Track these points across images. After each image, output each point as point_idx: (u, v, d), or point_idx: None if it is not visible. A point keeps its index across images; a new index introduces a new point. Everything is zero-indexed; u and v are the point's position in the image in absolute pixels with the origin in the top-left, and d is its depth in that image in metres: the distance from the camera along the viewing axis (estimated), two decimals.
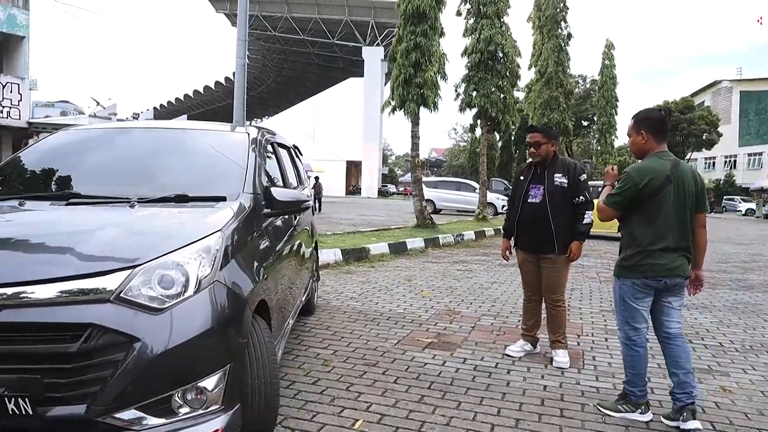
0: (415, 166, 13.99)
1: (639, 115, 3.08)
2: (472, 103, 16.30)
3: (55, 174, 3.04)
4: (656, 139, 3.00)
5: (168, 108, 69.43)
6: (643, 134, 3.00)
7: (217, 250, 2.26)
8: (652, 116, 3.05)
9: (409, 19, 12.65)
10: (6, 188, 2.90)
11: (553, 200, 3.91)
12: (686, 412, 2.88)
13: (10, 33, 19.54)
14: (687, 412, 2.89)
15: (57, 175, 3.03)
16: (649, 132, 2.99)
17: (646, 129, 3.00)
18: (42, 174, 3.05)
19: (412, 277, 7.58)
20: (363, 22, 45.86)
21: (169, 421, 2.01)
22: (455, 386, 3.44)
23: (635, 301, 2.99)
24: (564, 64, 22.38)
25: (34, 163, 3.14)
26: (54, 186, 2.92)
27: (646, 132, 2.99)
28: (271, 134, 4.19)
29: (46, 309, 1.93)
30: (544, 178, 3.97)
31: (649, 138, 2.99)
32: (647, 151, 3.02)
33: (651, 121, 3.02)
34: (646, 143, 3.01)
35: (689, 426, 2.85)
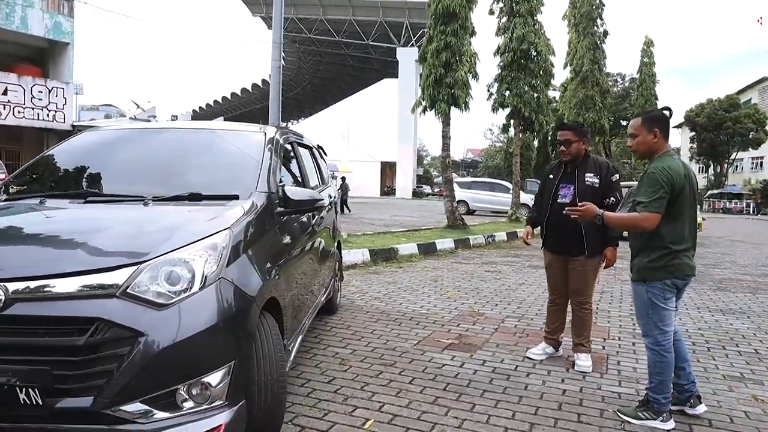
0: (445, 167, 13.90)
1: (649, 114, 3.03)
2: (504, 102, 16.09)
3: (76, 173, 3.14)
4: (665, 138, 2.97)
5: (207, 110, 70.95)
6: (656, 133, 2.94)
7: (224, 248, 2.28)
8: (661, 115, 3.00)
9: (440, 19, 12.58)
10: (29, 187, 3.00)
11: (584, 201, 3.77)
12: (693, 399, 3.04)
13: (56, 40, 20.31)
14: (694, 398, 3.05)
15: (78, 175, 3.12)
16: (661, 130, 2.94)
17: (659, 128, 2.95)
18: (64, 173, 3.16)
19: (439, 277, 7.53)
20: (397, 23, 45.86)
21: (174, 415, 2.04)
22: (471, 388, 3.39)
23: (665, 302, 2.93)
24: (600, 63, 21.86)
25: (57, 162, 3.24)
26: (74, 185, 3.02)
27: (659, 131, 2.94)
28: (293, 135, 4.22)
29: (55, 303, 1.98)
30: (574, 178, 3.85)
31: (660, 137, 2.94)
32: (656, 150, 2.97)
33: (663, 120, 2.98)
34: (657, 143, 2.95)
35: (699, 410, 3.04)
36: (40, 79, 20.22)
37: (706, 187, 46.31)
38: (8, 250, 2.19)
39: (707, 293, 7.02)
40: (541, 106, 15.72)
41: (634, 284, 3.03)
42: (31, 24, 19.41)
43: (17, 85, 19.28)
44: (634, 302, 3.11)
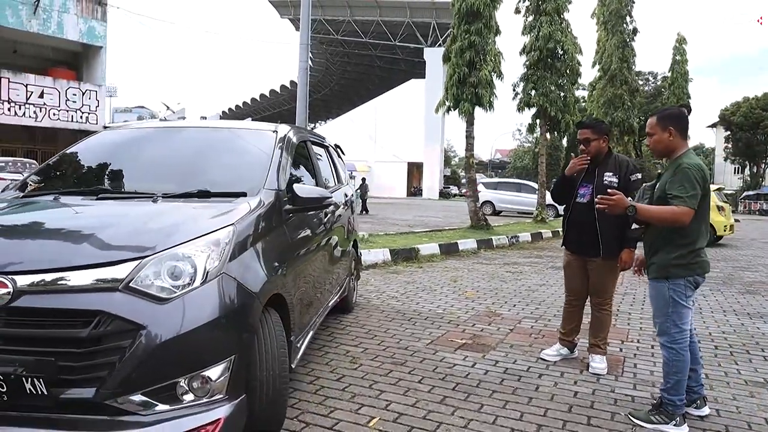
0: (469, 167, 13.81)
1: (663, 112, 2.98)
2: (530, 102, 15.91)
3: (90, 171, 3.22)
4: (682, 136, 2.90)
5: (236, 111, 71.93)
6: (671, 131, 2.89)
7: (227, 244, 2.31)
8: (678, 113, 2.94)
9: (464, 18, 12.50)
10: (46, 185, 3.09)
11: None
12: (700, 400, 3.06)
13: (89, 44, 20.88)
14: (701, 399, 3.06)
15: (92, 173, 3.21)
16: (677, 129, 2.88)
17: (674, 126, 2.88)
18: (78, 171, 3.25)
19: (458, 278, 7.48)
20: (424, 23, 45.81)
21: (174, 407, 2.07)
22: (481, 388, 3.36)
23: (686, 299, 2.90)
24: (629, 61, 21.38)
25: (73, 161, 3.33)
26: (87, 182, 3.09)
27: (674, 129, 2.88)
28: (307, 133, 4.26)
29: (61, 296, 2.04)
30: (594, 177, 3.77)
31: (676, 135, 2.89)
32: (673, 149, 2.91)
33: (678, 117, 2.91)
34: (672, 141, 2.90)
35: (703, 412, 3.05)
36: (75, 82, 20.81)
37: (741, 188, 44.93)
38: (18, 244, 2.26)
39: (735, 296, 6.82)
40: (567, 105, 15.49)
41: (654, 282, 2.97)
42: (66, 29, 20.00)
43: (53, 88, 19.88)
44: (651, 301, 3.04)
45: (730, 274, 8.78)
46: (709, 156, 53.93)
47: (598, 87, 21.96)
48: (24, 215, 2.58)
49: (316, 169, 4.03)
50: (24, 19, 19.05)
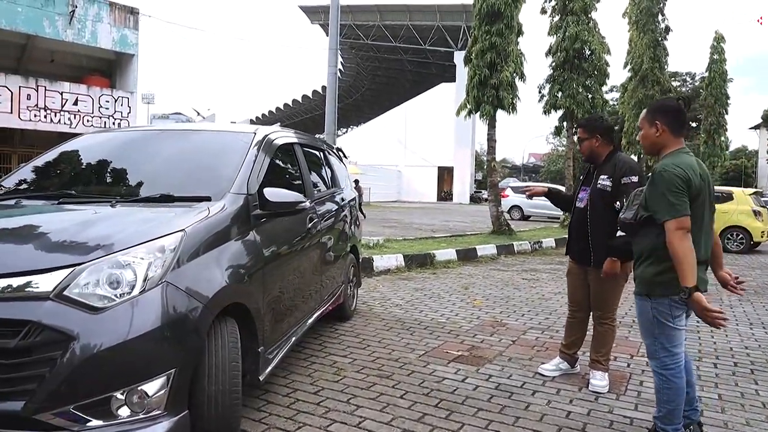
0: (491, 170, 13.51)
1: (653, 105, 2.68)
2: (557, 104, 15.50)
3: (61, 174, 3.17)
4: (673, 132, 2.56)
5: (269, 117, 72.82)
6: (657, 125, 2.56)
7: (173, 250, 2.19)
8: (667, 105, 2.62)
9: (484, 19, 12.24)
10: (14, 189, 3.04)
11: (594, 206, 3.47)
12: (694, 426, 2.74)
13: (122, 52, 21.33)
14: (695, 425, 2.75)
15: (62, 176, 3.15)
16: (665, 123, 2.55)
17: (661, 119, 2.56)
18: (49, 175, 3.19)
19: (471, 285, 7.25)
20: (454, 26, 45.49)
21: (108, 423, 1.97)
22: (466, 406, 3.16)
23: (674, 320, 2.54)
24: (661, 61, 20.63)
25: (48, 164, 3.28)
26: (55, 186, 3.03)
27: (662, 123, 2.56)
28: (298, 136, 4.13)
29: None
30: (591, 180, 3.55)
31: (665, 131, 2.55)
32: (661, 146, 2.58)
33: (666, 110, 2.58)
34: (660, 136, 2.57)
35: None
36: (107, 90, 21.29)
37: None
38: None
39: (766, 307, 6.39)
40: (595, 107, 15.01)
41: (638, 298, 2.65)
42: (100, 38, 20.48)
43: (87, 96, 20.38)
44: (637, 319, 2.77)
45: (764, 283, 8.28)
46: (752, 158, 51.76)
47: (629, 88, 21.29)
48: None
49: (303, 172, 3.89)
50: (60, 29, 19.61)
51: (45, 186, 3.06)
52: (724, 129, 29.80)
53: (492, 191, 13.53)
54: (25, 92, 19.41)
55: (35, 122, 19.60)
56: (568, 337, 3.82)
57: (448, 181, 52.41)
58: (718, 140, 29.18)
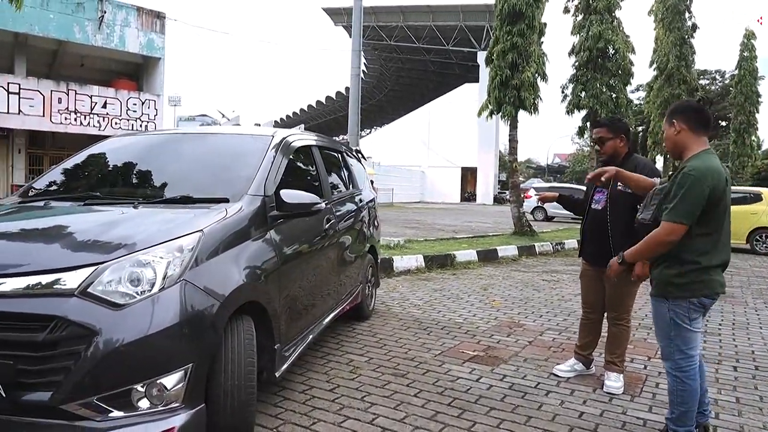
0: (512, 171, 13.45)
1: (673, 105, 2.67)
2: (580, 104, 15.34)
3: (87, 176, 3.30)
4: (693, 131, 2.55)
5: (293, 118, 73.41)
6: (675, 124, 2.57)
7: (191, 250, 2.28)
8: (684, 104, 2.64)
9: (506, 19, 12.19)
10: (44, 190, 3.18)
11: (614, 207, 3.45)
12: (699, 428, 2.74)
13: (149, 55, 21.81)
14: (701, 428, 2.74)
15: (87, 178, 3.29)
16: (683, 122, 2.55)
17: (678, 118, 2.57)
18: (74, 178, 3.33)
19: (490, 286, 7.25)
20: (477, 26, 45.26)
21: (128, 414, 2.06)
22: (479, 405, 3.19)
23: (691, 323, 2.56)
24: (688, 59, 20.19)
25: (75, 167, 3.41)
26: (82, 187, 3.15)
27: (679, 122, 2.56)
28: (316, 139, 4.21)
29: (20, 300, 2.06)
30: (609, 182, 3.51)
31: (683, 129, 2.55)
32: (682, 146, 2.58)
33: (685, 109, 2.59)
34: (679, 135, 2.57)
35: None
36: (135, 92, 21.77)
37: None
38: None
39: None
40: (619, 106, 14.80)
41: (654, 300, 2.66)
42: (127, 42, 20.97)
43: (115, 99, 20.88)
44: (653, 320, 2.77)
45: None
46: None
47: (655, 87, 20.91)
48: (5, 221, 2.64)
49: (320, 174, 3.97)
50: (90, 35, 20.13)
51: (72, 188, 3.19)
52: (755, 128, 29.07)
53: (513, 192, 13.47)
54: (56, 96, 19.96)
55: (66, 125, 20.15)
56: (583, 339, 3.82)
57: (472, 181, 52.17)
58: (748, 140, 28.48)
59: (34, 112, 19.61)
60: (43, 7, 19.20)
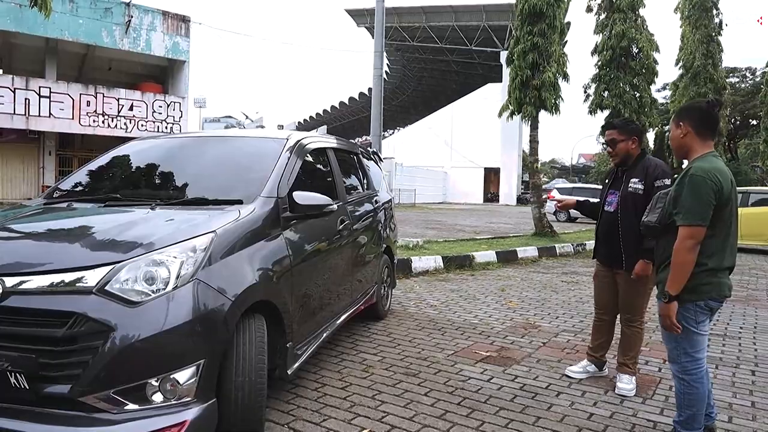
0: (534, 172, 13.38)
1: (681, 106, 2.68)
2: (603, 104, 15.17)
3: (107, 178, 3.43)
4: (698, 135, 2.54)
5: (317, 119, 73.90)
6: (682, 126, 2.56)
7: (204, 250, 2.36)
8: (692, 106, 2.61)
9: (526, 19, 12.14)
10: (68, 192, 3.31)
11: (625, 209, 3.46)
12: (706, 430, 2.69)
13: (174, 58, 22.26)
14: (707, 430, 2.70)
15: (108, 180, 3.41)
16: (689, 125, 2.55)
17: (685, 120, 2.56)
18: (98, 179, 3.45)
19: (508, 287, 7.24)
20: (501, 26, 44.96)
21: (143, 407, 2.15)
22: (488, 405, 3.22)
23: (697, 326, 2.55)
24: (714, 57, 19.78)
25: (97, 169, 3.54)
26: (102, 189, 3.27)
27: (686, 124, 2.55)
28: (328, 140, 4.28)
29: (41, 297, 2.17)
30: (621, 183, 3.54)
31: (689, 132, 2.54)
32: (688, 148, 2.57)
33: (692, 110, 2.58)
34: (685, 137, 2.56)
35: None
36: (160, 95, 22.24)
37: None
38: (12, 248, 2.44)
39: None
40: (643, 106, 14.62)
41: (661, 302, 2.65)
42: (153, 45, 21.44)
43: (141, 101, 21.37)
44: (660, 323, 2.76)
45: None
46: None
47: (681, 86, 20.54)
48: (30, 222, 2.77)
49: (334, 176, 4.04)
50: (117, 39, 20.63)
51: (93, 190, 3.31)
52: None
53: (534, 192, 13.39)
54: (85, 99, 20.50)
55: (94, 127, 20.68)
56: (595, 340, 3.82)
57: (495, 182, 51.84)
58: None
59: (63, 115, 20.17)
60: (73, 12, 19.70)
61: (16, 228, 2.64)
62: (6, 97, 18.76)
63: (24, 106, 19.02)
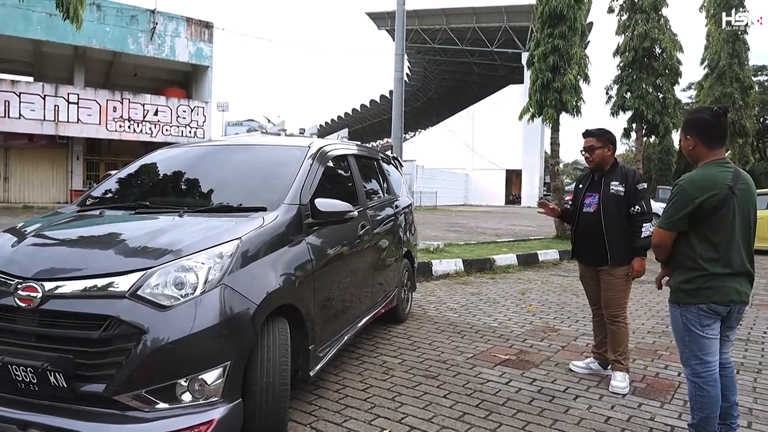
0: (554, 174, 13.32)
1: (685, 117, 2.73)
2: (625, 105, 15.03)
3: (136, 187, 3.57)
4: (707, 145, 2.58)
5: (337, 122, 74.35)
6: (690, 139, 2.61)
7: (230, 256, 2.47)
8: (697, 119, 2.62)
9: (547, 21, 12.12)
10: (101, 199, 3.45)
11: (607, 210, 3.67)
12: None
13: (198, 64, 22.66)
14: None
15: (137, 188, 3.55)
16: (696, 136, 2.59)
17: (692, 133, 2.61)
18: (127, 187, 3.60)
19: (528, 290, 7.26)
20: (521, 27, 44.71)
21: (173, 406, 2.26)
22: (506, 407, 3.27)
23: (703, 329, 2.58)
24: (741, 56, 19.41)
25: (126, 178, 3.69)
26: (132, 197, 3.41)
27: (693, 136, 2.60)
28: (349, 147, 4.37)
29: (78, 300, 2.29)
30: (600, 186, 3.75)
31: (697, 143, 2.59)
32: (696, 158, 2.64)
33: (697, 122, 2.61)
34: (694, 149, 2.62)
35: None
36: (184, 100, 22.65)
37: None
38: (50, 255, 2.58)
39: None
40: (666, 107, 14.44)
41: (670, 306, 2.72)
42: (177, 51, 21.87)
43: (165, 106, 21.79)
44: (671, 326, 2.80)
45: None
46: None
47: (706, 86, 20.21)
48: (66, 229, 2.91)
49: (355, 182, 4.13)
50: (143, 45, 21.09)
51: (124, 197, 3.45)
52: None
53: (555, 195, 13.33)
54: (112, 105, 20.98)
55: (120, 132, 21.14)
56: (596, 337, 4.00)
57: (517, 184, 51.54)
58: None
59: (91, 121, 20.68)
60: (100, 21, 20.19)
61: (53, 235, 2.78)
62: (36, 104, 19.33)
63: (53, 113, 19.57)
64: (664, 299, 6.82)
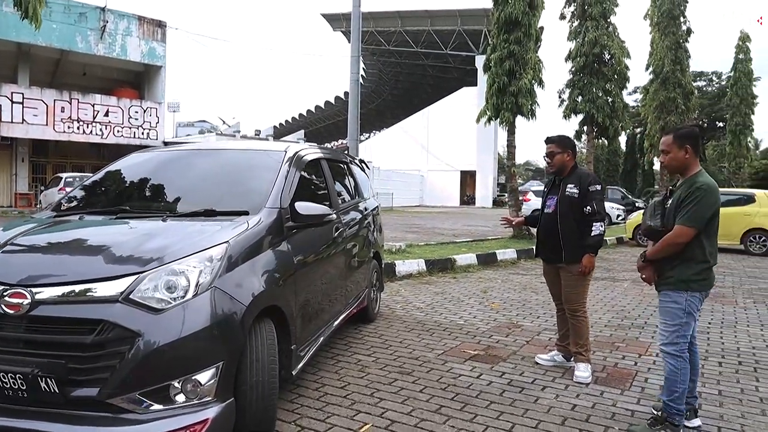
0: (511, 176, 13.73)
1: (681, 131, 3.06)
2: (577, 108, 15.65)
3: (115, 192, 3.56)
4: (697, 155, 3.02)
5: (292, 123, 73.76)
6: (687, 149, 2.98)
7: (219, 260, 2.54)
8: (693, 131, 3.04)
9: (503, 27, 12.51)
10: (76, 204, 3.43)
11: (563, 210, 3.94)
12: (690, 412, 3.07)
13: (150, 63, 22.13)
14: (691, 411, 3.08)
15: (116, 193, 3.55)
16: (693, 148, 2.98)
17: (690, 145, 2.98)
18: (105, 192, 3.59)
19: (489, 288, 7.51)
20: (475, 30, 45.58)
21: (167, 407, 2.31)
22: (479, 399, 3.45)
23: (697, 312, 3.03)
24: (683, 63, 20.52)
25: (102, 182, 3.67)
26: (111, 202, 3.41)
27: (689, 148, 2.98)
28: (323, 152, 4.47)
29: (70, 306, 2.31)
30: (559, 189, 4.02)
31: (692, 154, 2.99)
32: (686, 167, 3.01)
33: (692, 135, 3.01)
34: (688, 159, 3.00)
35: (694, 423, 3.07)
36: (137, 101, 22.08)
37: None
38: (37, 261, 2.58)
39: None
40: (615, 110, 15.12)
41: (674, 293, 3.02)
42: (129, 51, 21.30)
43: (117, 107, 21.18)
44: (663, 312, 3.06)
45: None
46: None
47: (651, 90, 21.24)
48: (47, 234, 2.89)
49: (328, 185, 4.23)
50: (92, 44, 20.44)
51: (101, 202, 3.45)
52: (750, 129, 29.42)
53: (512, 196, 13.74)
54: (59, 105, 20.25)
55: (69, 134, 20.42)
56: (560, 330, 4.27)
57: (471, 184, 52.42)
58: (743, 141, 28.81)
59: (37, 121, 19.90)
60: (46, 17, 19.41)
61: (35, 240, 2.77)
62: None
63: None
64: (618, 294, 7.20)
